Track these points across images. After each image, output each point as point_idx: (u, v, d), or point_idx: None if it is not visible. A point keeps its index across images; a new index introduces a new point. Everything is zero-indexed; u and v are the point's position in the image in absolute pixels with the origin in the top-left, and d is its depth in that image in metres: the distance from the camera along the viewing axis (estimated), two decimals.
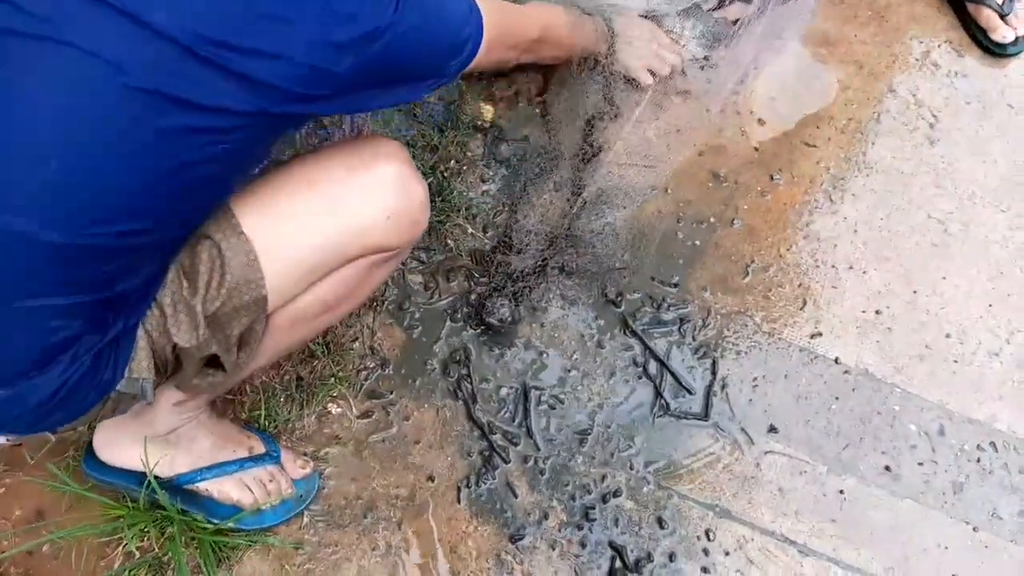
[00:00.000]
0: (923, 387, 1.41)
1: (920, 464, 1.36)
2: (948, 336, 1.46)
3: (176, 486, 1.25)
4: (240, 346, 1.03)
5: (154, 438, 1.20)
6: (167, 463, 1.22)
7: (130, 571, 1.26)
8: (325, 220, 1.03)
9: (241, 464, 1.28)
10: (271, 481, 1.29)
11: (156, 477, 1.21)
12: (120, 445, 1.22)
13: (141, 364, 0.95)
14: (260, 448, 1.32)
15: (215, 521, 1.27)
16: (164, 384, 1.08)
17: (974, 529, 1.33)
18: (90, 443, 1.25)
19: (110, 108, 0.79)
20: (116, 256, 0.86)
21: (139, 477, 1.21)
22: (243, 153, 0.92)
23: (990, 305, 1.49)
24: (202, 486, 1.25)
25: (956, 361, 1.44)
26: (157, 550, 1.27)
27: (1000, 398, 1.42)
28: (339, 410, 1.40)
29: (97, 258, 0.84)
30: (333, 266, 1.06)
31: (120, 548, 1.28)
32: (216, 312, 0.97)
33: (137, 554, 1.26)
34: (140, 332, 0.94)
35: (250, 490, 1.28)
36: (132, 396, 0.98)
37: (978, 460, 1.37)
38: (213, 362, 1.04)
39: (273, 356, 1.17)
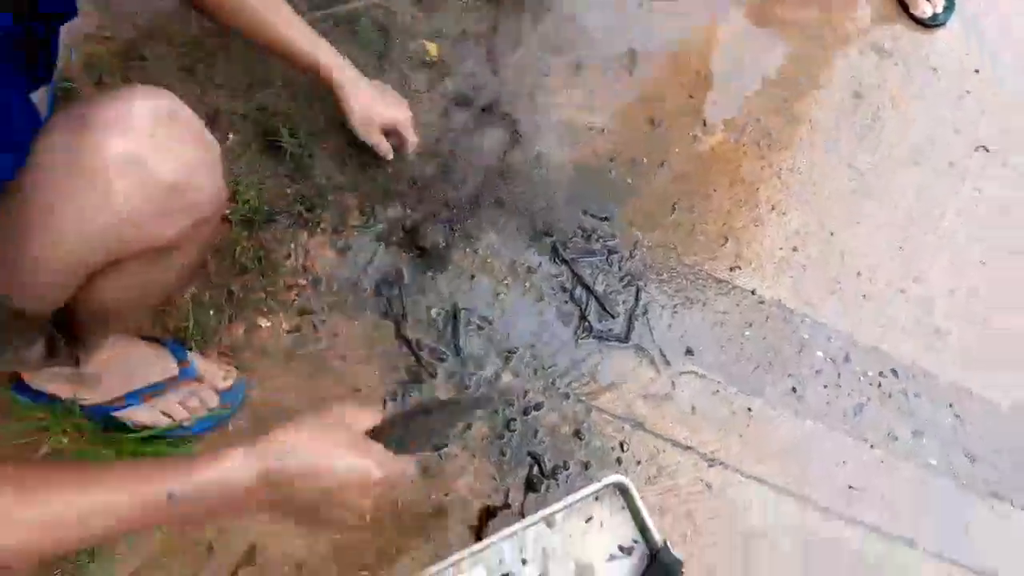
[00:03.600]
0: (832, 319, 1.65)
1: (824, 387, 1.60)
2: (859, 274, 1.71)
3: (94, 412, 1.38)
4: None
5: (68, 375, 1.32)
6: (84, 395, 1.35)
7: None
8: (46, 229, 0.91)
9: (153, 389, 1.39)
10: (192, 398, 1.42)
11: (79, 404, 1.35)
12: (41, 377, 1.34)
13: None
14: (172, 367, 1.41)
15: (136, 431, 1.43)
16: None
17: (871, 447, 1.56)
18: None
19: None
20: None
21: (62, 402, 1.35)
22: None
23: (900, 248, 1.74)
24: (117, 415, 1.38)
25: (865, 297, 1.69)
26: (76, 453, 1.43)
27: (903, 331, 1.66)
28: (268, 324, 1.58)
29: None
30: (80, 273, 0.98)
31: (39, 452, 1.44)
32: None
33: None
34: None
35: (169, 415, 1.40)
36: None
37: (879, 385, 1.61)
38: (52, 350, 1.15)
39: (122, 321, 1.25)
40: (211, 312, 1.57)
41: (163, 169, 0.90)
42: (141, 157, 0.88)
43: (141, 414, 1.40)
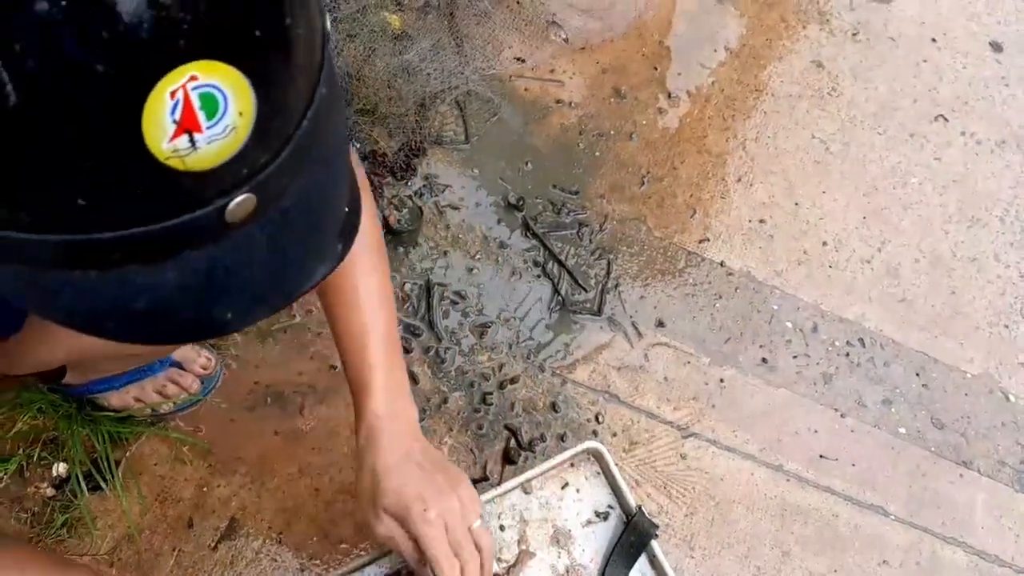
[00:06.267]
0: (800, 289, 1.72)
1: (794, 357, 1.67)
2: (825, 244, 1.77)
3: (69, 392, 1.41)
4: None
5: None
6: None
7: (25, 450, 1.43)
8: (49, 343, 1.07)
9: (130, 378, 1.41)
10: (169, 385, 1.44)
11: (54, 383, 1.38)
12: None
13: None
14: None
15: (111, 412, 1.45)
16: None
17: (841, 415, 1.63)
18: None
19: None
20: None
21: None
22: None
23: (864, 218, 1.81)
24: (93, 396, 1.40)
25: (831, 267, 1.75)
26: (52, 429, 1.44)
27: (870, 300, 1.73)
28: None
29: None
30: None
31: (13, 430, 1.44)
32: None
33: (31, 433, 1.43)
34: None
35: (141, 400, 1.43)
36: None
37: (847, 354, 1.68)
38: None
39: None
40: None
41: None
42: None
43: (113, 398, 1.43)
